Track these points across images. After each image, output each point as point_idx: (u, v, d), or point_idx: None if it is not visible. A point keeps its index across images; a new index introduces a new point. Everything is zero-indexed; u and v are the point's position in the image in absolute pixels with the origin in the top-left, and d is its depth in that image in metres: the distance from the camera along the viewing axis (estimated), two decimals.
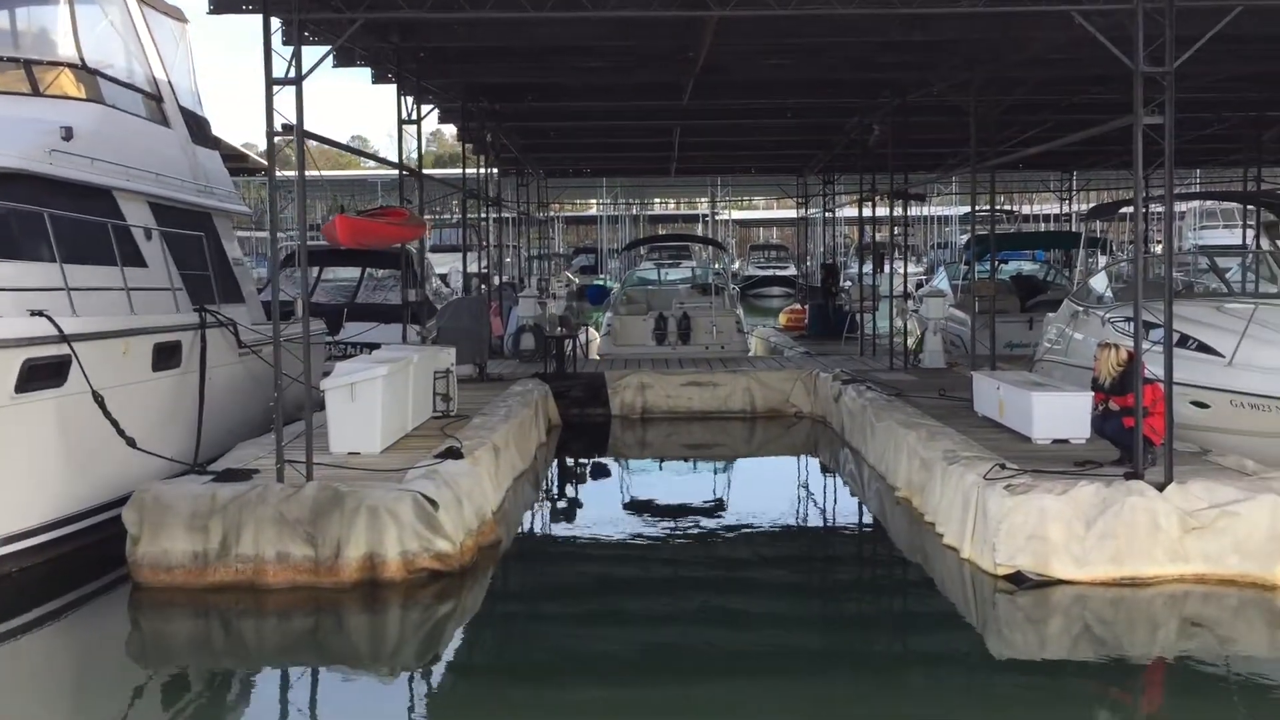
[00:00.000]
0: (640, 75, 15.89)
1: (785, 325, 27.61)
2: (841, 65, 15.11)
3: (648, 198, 60.39)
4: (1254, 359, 10.71)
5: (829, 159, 25.25)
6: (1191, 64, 9.28)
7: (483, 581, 9.42)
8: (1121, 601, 8.56)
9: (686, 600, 9.41)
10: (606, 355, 21.26)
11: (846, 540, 11.78)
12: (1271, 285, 14.26)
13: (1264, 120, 18.89)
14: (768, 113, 19.74)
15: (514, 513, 11.85)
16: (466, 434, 11.57)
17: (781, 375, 17.91)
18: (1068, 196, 33.18)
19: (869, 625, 8.94)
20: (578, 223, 76.65)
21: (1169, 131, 8.57)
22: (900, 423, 12.35)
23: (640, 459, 15.98)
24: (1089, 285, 14.70)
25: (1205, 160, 28.69)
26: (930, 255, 54.01)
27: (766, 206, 76.24)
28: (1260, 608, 8.47)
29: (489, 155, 20.94)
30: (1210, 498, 8.69)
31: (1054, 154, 26.69)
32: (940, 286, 23.65)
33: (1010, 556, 8.76)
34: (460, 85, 16.61)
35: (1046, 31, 11.75)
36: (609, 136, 23.17)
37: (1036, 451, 10.49)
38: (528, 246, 34.57)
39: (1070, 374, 13.04)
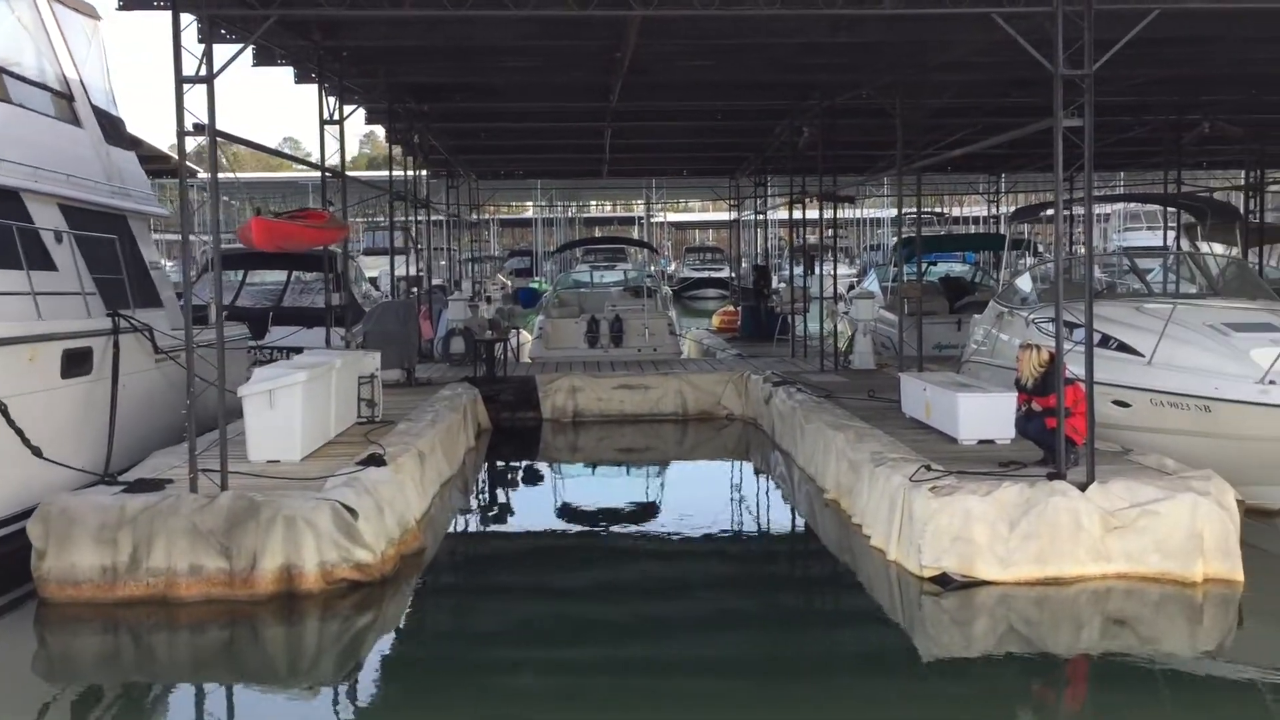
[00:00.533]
0: (568, 76, 15.76)
1: (718, 327, 27.62)
2: (769, 67, 15.11)
3: (583, 200, 60.30)
4: (1173, 358, 10.86)
5: (760, 161, 25.30)
6: (1111, 67, 9.38)
7: (405, 591, 9.22)
8: (1045, 601, 8.61)
9: (617, 604, 9.32)
10: (538, 358, 21.09)
11: (776, 543, 11.75)
12: (1191, 286, 14.51)
13: (1183, 124, 19.25)
14: (698, 114, 19.71)
15: (441, 519, 11.66)
16: (391, 440, 11.35)
17: (713, 377, 17.89)
18: (995, 199, 33.61)
19: (798, 627, 8.89)
20: (513, 225, 76.30)
21: (1088, 134, 8.64)
22: (829, 424, 12.36)
23: (571, 463, 15.85)
24: (1013, 286, 14.85)
25: (1128, 163, 29.25)
26: (863, 257, 54.53)
27: (702, 209, 76.51)
28: (1180, 604, 8.57)
29: (417, 157, 20.65)
30: (1131, 497, 8.77)
31: (981, 157, 27.04)
32: (870, 288, 23.81)
33: (936, 558, 8.77)
34: (386, 85, 16.35)
35: (969, 34, 11.83)
36: (540, 138, 22.99)
37: (962, 452, 10.53)
38: (461, 249, 34.26)
39: (997, 375, 13.13)
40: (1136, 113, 19.14)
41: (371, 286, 25.44)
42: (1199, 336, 11.08)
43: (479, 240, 65.54)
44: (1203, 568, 8.67)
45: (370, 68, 15.04)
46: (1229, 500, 8.89)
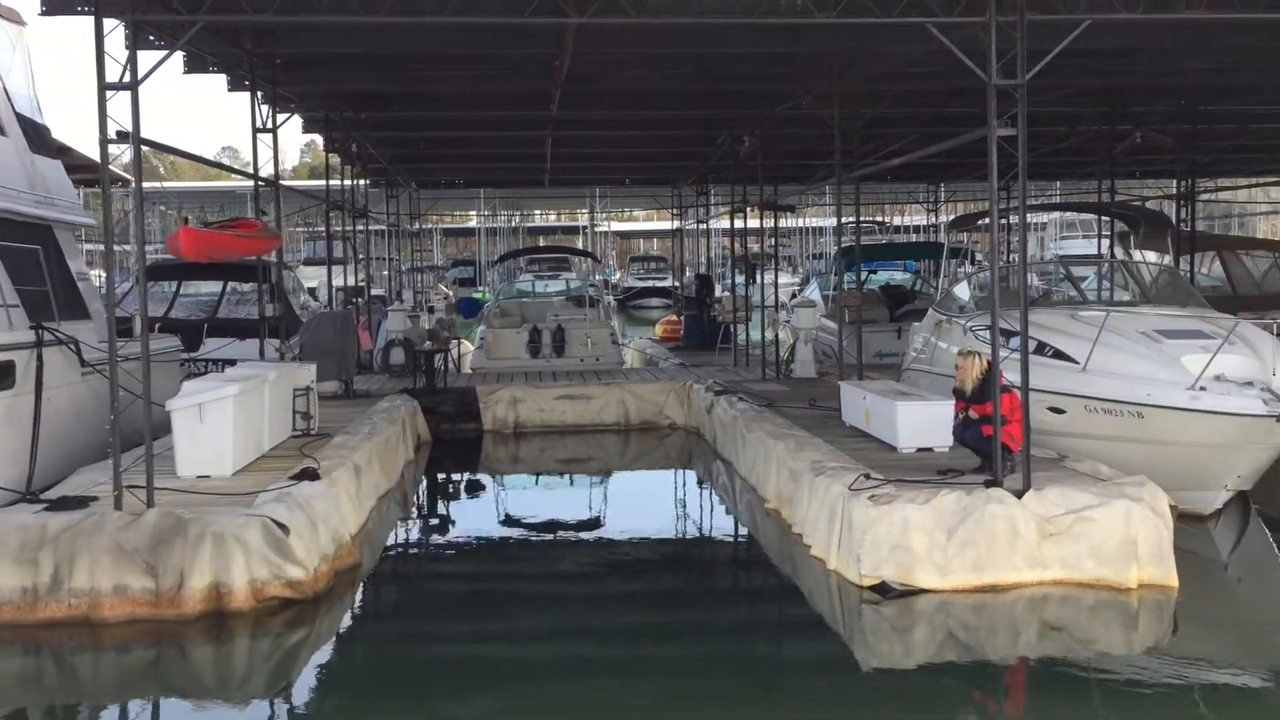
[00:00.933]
0: (507, 84, 15.64)
1: (661, 336, 27.60)
2: (708, 76, 15.11)
3: (527, 209, 60.03)
4: (1106, 365, 10.98)
5: (702, 170, 25.34)
6: (1045, 78, 9.47)
7: (339, 607, 9.04)
8: (983, 608, 8.63)
9: (559, 616, 9.24)
10: (479, 369, 20.90)
11: (718, 553, 11.71)
12: (1125, 293, 14.71)
13: (1115, 134, 19.55)
14: (639, 123, 19.67)
15: (377, 534, 11.46)
16: (326, 454, 11.15)
17: (655, 387, 17.83)
18: (935, 208, 33.97)
19: (739, 638, 8.85)
20: (457, 235, 75.81)
21: (1022, 142, 8.71)
22: (770, 434, 12.34)
23: (513, 474, 15.72)
24: (952, 294, 14.97)
25: (1064, 172, 29.68)
26: (806, 266, 54.84)
27: (647, 218, 76.55)
28: (1115, 610, 8.64)
29: (354, 165, 20.39)
30: (1066, 504, 8.83)
31: (920, 166, 27.30)
32: (811, 297, 23.90)
33: (875, 567, 8.77)
34: (321, 93, 16.13)
35: (905, 45, 11.90)
36: (480, 147, 22.83)
37: (901, 461, 10.56)
38: (403, 259, 33.95)
39: (936, 382, 13.21)
40: (1071, 123, 19.42)
41: (310, 297, 25.11)
42: (1132, 344, 11.22)
43: (422, 250, 65.13)
44: (1137, 573, 8.75)
45: (305, 75, 14.82)
46: (1162, 506, 8.98)
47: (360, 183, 22.51)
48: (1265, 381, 10.30)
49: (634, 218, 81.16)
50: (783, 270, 47.45)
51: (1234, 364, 10.49)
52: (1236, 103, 17.68)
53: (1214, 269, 21.37)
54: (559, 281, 32.27)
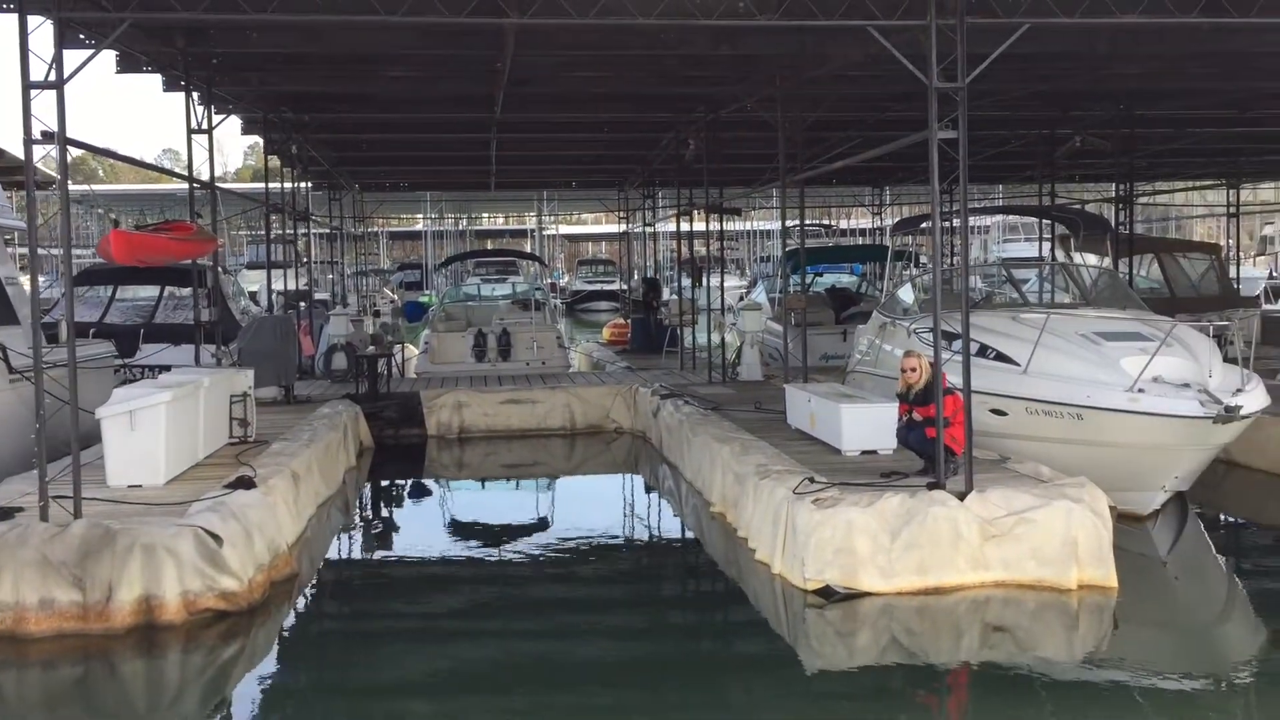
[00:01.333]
0: (449, 86, 15.49)
1: (609, 340, 27.53)
2: (652, 79, 15.06)
3: (474, 212, 59.68)
4: (1047, 367, 11.05)
5: (648, 173, 25.30)
6: (985, 82, 9.52)
7: (276, 619, 8.84)
8: (927, 610, 8.63)
9: (503, 621, 9.13)
10: (424, 373, 20.67)
11: (664, 557, 11.63)
12: (1066, 296, 14.86)
13: (1055, 138, 19.79)
14: (584, 126, 19.59)
15: (317, 543, 11.25)
16: (263, 461, 10.93)
17: (601, 391, 17.74)
18: (879, 211, 34.21)
19: (685, 642, 8.78)
20: (403, 238, 75.20)
21: (962, 145, 8.73)
22: (715, 437, 12.30)
23: (457, 480, 15.54)
24: (896, 297, 15.03)
25: (1006, 176, 30.03)
26: (755, 269, 55.04)
27: (595, 221, 76.45)
28: (1057, 611, 8.67)
29: (295, 168, 20.10)
30: (1008, 505, 8.86)
31: (864, 169, 27.48)
32: (758, 299, 23.95)
33: (819, 571, 8.74)
34: (259, 94, 15.86)
35: (846, 48, 11.93)
36: (424, 149, 22.62)
37: (845, 463, 10.56)
38: (348, 263, 33.60)
39: (881, 385, 13.25)
40: (1012, 127, 19.61)
41: (251, 301, 24.74)
42: (1072, 346, 11.31)
43: (368, 254, 64.53)
44: (1077, 574, 8.80)
45: (242, 76, 14.56)
46: (1102, 507, 9.04)
47: (302, 185, 22.20)
48: (1202, 383, 10.43)
49: (582, 221, 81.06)
50: (730, 273, 47.72)
51: (1172, 366, 10.62)
52: (1171, 107, 17.95)
53: (1152, 271, 21.73)
54: (506, 285, 32.06)
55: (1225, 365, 11.04)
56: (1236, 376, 10.74)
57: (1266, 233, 53.14)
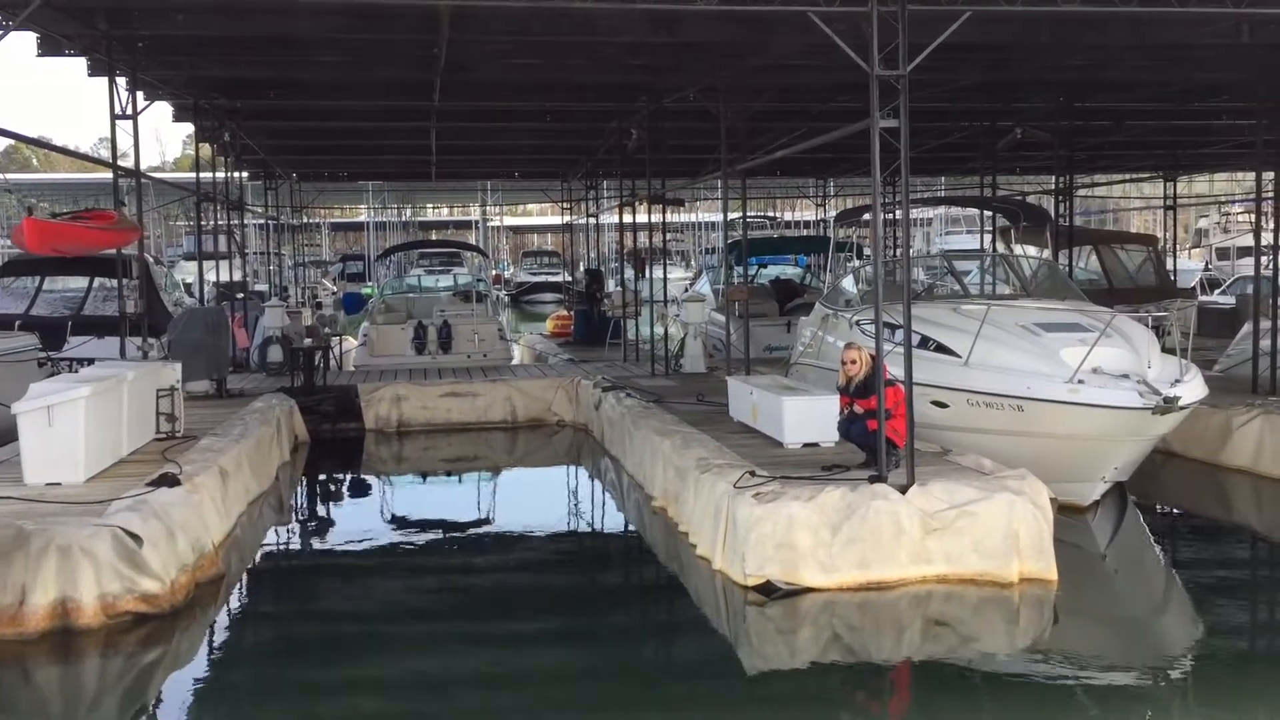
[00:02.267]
0: (386, 72, 15.14)
1: (552, 332, 27.26)
2: (594, 67, 14.83)
3: (418, 203, 59.00)
4: (988, 359, 11.02)
5: (591, 164, 25.06)
6: (928, 72, 9.44)
7: (201, 621, 8.53)
8: (868, 605, 8.54)
9: (441, 618, 8.98)
10: (363, 366, 20.30)
11: (605, 552, 11.47)
12: (1006, 287, 14.89)
13: (996, 129, 19.86)
14: (525, 115, 19.30)
15: (248, 541, 10.93)
16: (190, 457, 10.58)
17: (543, 384, 17.51)
18: (823, 202, 34.26)
19: (624, 640, 8.62)
20: (346, 229, 74.23)
21: (904, 134, 8.62)
22: (656, 430, 12.14)
23: (396, 474, 15.27)
24: (839, 288, 14.96)
25: (948, 168, 30.15)
26: (700, 261, 55.00)
27: (540, 212, 75.98)
28: (998, 605, 8.62)
29: (228, 156, 19.61)
30: (950, 498, 8.78)
31: (808, 161, 27.42)
32: (702, 291, 23.82)
33: (760, 566, 8.60)
34: (189, 79, 15.41)
35: (788, 36, 11.78)
36: (363, 138, 22.18)
37: (787, 456, 10.44)
38: (289, 254, 32.99)
39: (823, 376, 13.16)
40: (954, 119, 19.64)
41: (186, 293, 24.17)
42: (1012, 337, 11.29)
43: (310, 245, 63.57)
44: (1019, 567, 8.74)
45: (171, 60, 14.10)
46: (1043, 499, 9.00)
47: (240, 175, 21.66)
48: (1140, 374, 10.44)
49: (528, 212, 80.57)
50: (675, 265, 47.62)
51: (1111, 357, 10.62)
52: (1111, 100, 18.07)
53: (1090, 263, 21.92)
54: (450, 277, 31.67)
55: (1164, 356, 11.09)
56: (1175, 367, 10.79)
57: (1201, 225, 54.01)
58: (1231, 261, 40.87)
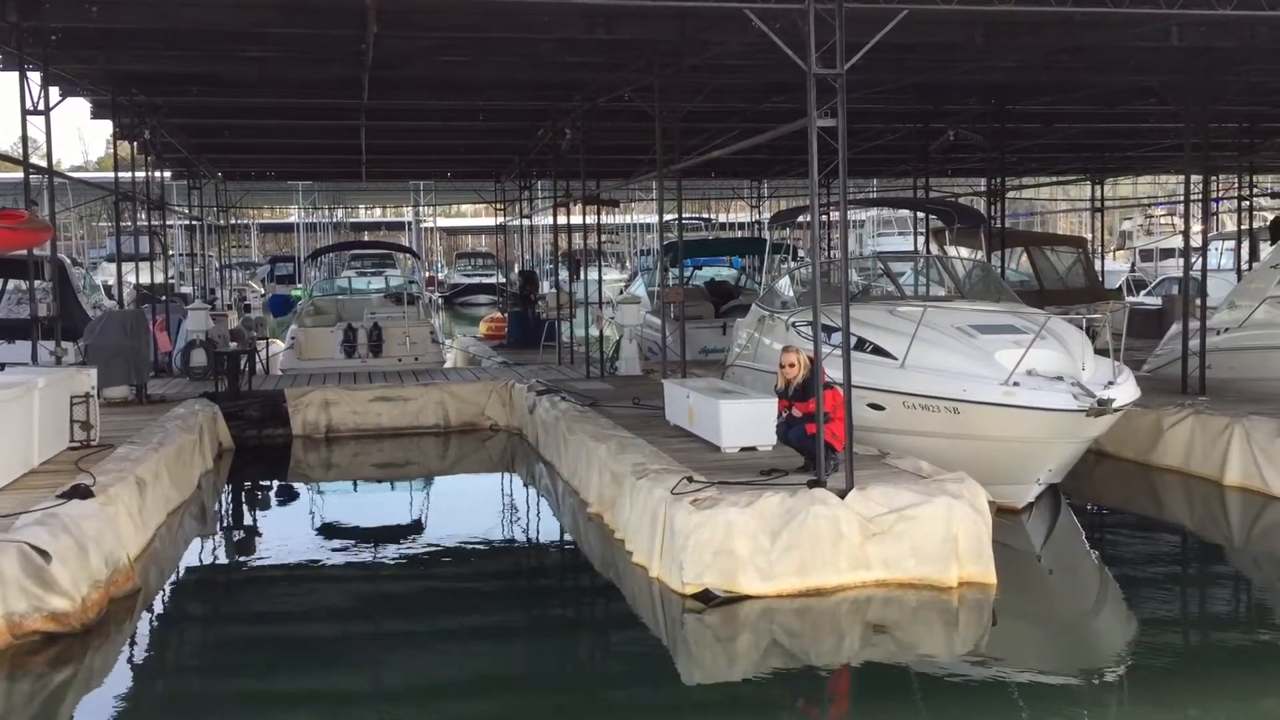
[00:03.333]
0: (312, 69, 14.75)
1: (485, 334, 26.92)
2: (527, 64, 14.58)
3: (350, 204, 58.12)
4: (924, 360, 10.97)
5: (525, 164, 24.77)
6: (864, 73, 9.35)
7: (115, 640, 8.15)
8: (808, 612, 8.41)
9: (371, 631, 8.67)
10: (290, 370, 19.81)
11: (539, 560, 11.22)
12: (940, 288, 14.90)
13: (929, 131, 19.94)
14: (457, 114, 18.98)
15: (167, 553, 10.53)
16: (105, 467, 10.16)
17: (476, 387, 17.20)
18: (758, 204, 34.30)
19: (560, 650, 8.39)
20: (276, 230, 72.99)
21: (842, 133, 8.51)
22: (591, 435, 11.92)
23: (325, 481, 14.87)
24: (774, 290, 14.86)
25: (881, 170, 30.32)
26: (637, 262, 54.90)
27: (476, 214, 75.32)
28: (937, 610, 8.53)
29: (148, 155, 19.01)
30: (889, 503, 8.68)
31: (744, 162, 27.42)
32: (637, 292, 23.66)
33: (698, 574, 8.43)
34: (105, 74, 14.88)
35: (724, 34, 11.65)
36: (290, 137, 21.64)
37: (725, 461, 10.28)
38: (220, 255, 32.26)
39: (760, 379, 13.05)
40: (887, 120, 19.68)
41: (105, 295, 23.45)
42: (947, 339, 11.25)
43: (239, 246, 62.35)
44: (958, 571, 8.67)
45: (86, 54, 13.58)
46: (981, 502, 8.93)
47: (164, 174, 21.03)
48: (1075, 376, 10.45)
49: (462, 214, 79.87)
50: (611, 267, 47.44)
51: (1045, 358, 10.62)
52: (1042, 102, 18.22)
53: (1021, 264, 22.11)
54: (382, 279, 31.15)
55: (1097, 358, 11.11)
56: (1108, 369, 10.82)
57: (1125, 227, 55.06)
58: (1154, 263, 41.66)
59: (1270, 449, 11.50)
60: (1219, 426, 12.14)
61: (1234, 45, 13.01)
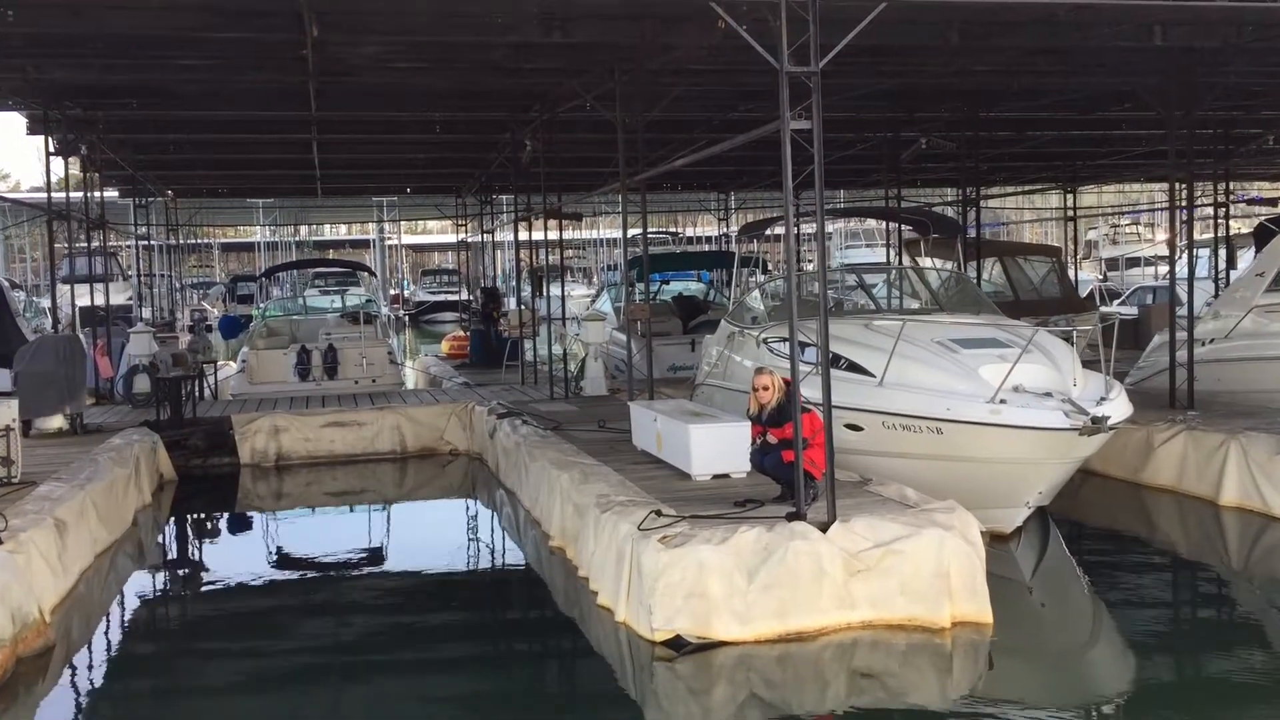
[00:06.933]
0: (255, 77, 13.98)
1: (447, 353, 26.15)
2: (483, 72, 13.88)
3: (313, 221, 57.12)
4: (904, 378, 10.34)
5: (485, 177, 24.06)
6: (835, 77, 8.76)
7: (18, 706, 7.32)
8: (788, 658, 7.70)
9: (317, 678, 8.05)
10: (241, 394, 18.94)
11: (498, 602, 10.43)
12: (915, 301, 14.31)
13: (900, 140, 19.41)
14: (413, 126, 18.25)
15: (91, 601, 9.70)
16: (23, 508, 9.33)
17: (434, 410, 16.43)
18: (725, 217, 33.73)
19: (520, 702, 7.65)
20: (237, 249, 71.87)
21: (817, 133, 7.85)
22: (553, 462, 11.20)
23: (273, 512, 14.08)
24: (744, 304, 14.21)
25: (850, 181, 29.84)
26: (604, 277, 54.22)
27: (441, 230, 74.45)
28: (929, 653, 7.84)
29: (86, 171, 18.14)
30: (875, 536, 8.00)
31: (710, 174, 26.85)
32: (602, 309, 22.96)
33: (668, 619, 7.71)
34: (36, 87, 14.06)
35: (689, 36, 11.00)
36: (240, 151, 20.82)
37: (696, 490, 9.57)
38: (176, 275, 31.32)
39: (731, 399, 12.40)
40: (857, 129, 19.12)
41: (50, 319, 22.52)
42: (928, 354, 10.63)
43: (200, 266, 61.15)
44: (950, 610, 7.98)
45: (11, 63, 12.75)
46: (974, 534, 8.27)
47: (101, 193, 20.12)
48: (1065, 392, 9.85)
49: (428, 230, 79.00)
50: (578, 282, 46.73)
51: (1032, 374, 10.02)
52: (1015, 109, 17.73)
53: (994, 274, 21.60)
54: (348, 297, 30.33)
55: (1087, 372, 10.51)
56: (1099, 384, 10.23)
57: (1090, 237, 54.96)
58: (1120, 272, 41.45)
59: (1269, 467, 10.94)
60: (1213, 443, 11.58)
61: (1218, 45, 12.50)
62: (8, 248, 54.78)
